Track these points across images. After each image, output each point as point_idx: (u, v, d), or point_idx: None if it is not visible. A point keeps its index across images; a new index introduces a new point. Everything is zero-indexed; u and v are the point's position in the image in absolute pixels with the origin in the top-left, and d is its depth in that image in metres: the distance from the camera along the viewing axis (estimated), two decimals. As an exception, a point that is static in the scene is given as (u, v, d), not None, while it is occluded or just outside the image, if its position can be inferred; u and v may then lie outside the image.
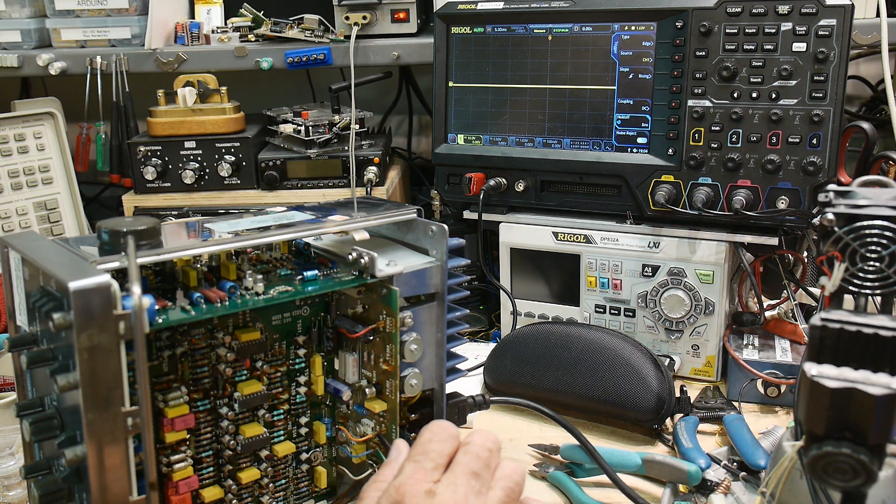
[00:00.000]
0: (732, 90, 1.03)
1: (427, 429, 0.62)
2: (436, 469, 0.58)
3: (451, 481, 0.57)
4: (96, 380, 0.57)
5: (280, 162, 1.32)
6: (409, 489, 0.56)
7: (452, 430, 0.62)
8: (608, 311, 1.14)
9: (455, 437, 0.61)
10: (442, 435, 0.61)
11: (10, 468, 0.88)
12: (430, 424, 0.62)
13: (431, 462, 0.58)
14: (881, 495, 0.68)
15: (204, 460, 0.74)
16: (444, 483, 0.57)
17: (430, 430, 0.61)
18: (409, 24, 1.37)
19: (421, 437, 0.61)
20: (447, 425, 0.62)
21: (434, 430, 0.61)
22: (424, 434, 0.61)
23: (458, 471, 0.58)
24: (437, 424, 0.62)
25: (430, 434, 0.61)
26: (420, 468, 0.58)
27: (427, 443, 0.60)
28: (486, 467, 0.59)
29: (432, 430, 0.61)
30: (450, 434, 0.61)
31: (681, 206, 1.07)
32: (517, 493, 0.59)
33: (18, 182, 1.35)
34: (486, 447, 0.60)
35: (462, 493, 0.56)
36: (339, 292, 0.81)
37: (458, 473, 0.58)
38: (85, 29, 1.44)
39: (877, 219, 0.60)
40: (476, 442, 0.60)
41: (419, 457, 0.59)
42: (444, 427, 0.62)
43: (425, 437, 0.61)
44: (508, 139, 1.17)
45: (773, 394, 1.03)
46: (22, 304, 0.69)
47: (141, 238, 0.65)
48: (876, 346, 0.54)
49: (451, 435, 0.61)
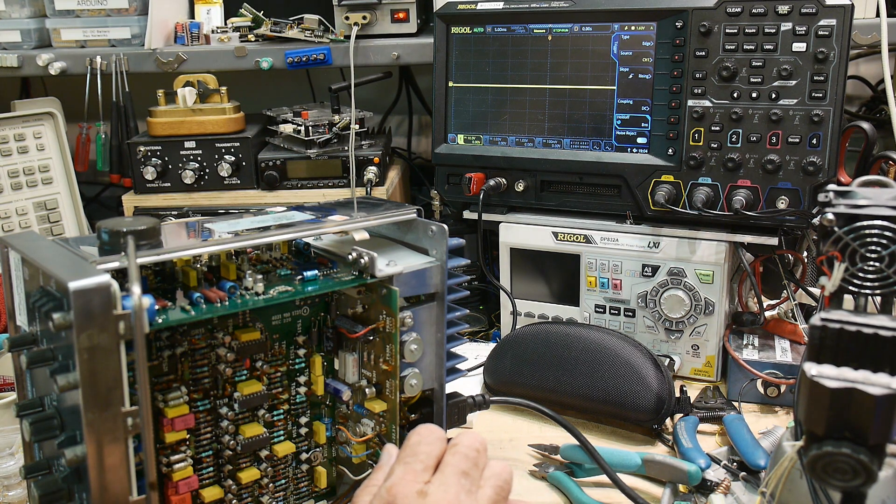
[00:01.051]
0: (732, 90, 1.03)
1: (415, 432, 0.63)
2: (426, 470, 0.59)
3: (441, 481, 0.58)
4: (96, 380, 0.57)
5: (280, 162, 1.32)
6: (400, 490, 0.56)
7: (439, 432, 0.63)
8: (608, 311, 1.14)
9: (442, 439, 0.62)
10: (430, 437, 0.62)
11: (10, 468, 0.88)
12: (418, 428, 0.63)
13: (421, 463, 0.59)
14: (881, 495, 0.68)
15: (204, 460, 0.74)
16: (435, 483, 0.57)
17: (418, 433, 0.62)
18: (409, 24, 1.37)
19: (409, 440, 0.62)
20: (434, 428, 0.63)
21: (422, 433, 0.62)
22: (412, 437, 0.62)
23: (448, 471, 0.58)
24: (424, 427, 0.63)
25: (418, 437, 0.62)
26: (410, 469, 0.58)
27: (416, 445, 0.61)
28: (474, 467, 0.60)
29: (420, 433, 0.62)
30: (437, 436, 0.62)
31: (681, 206, 1.07)
32: (506, 492, 0.60)
33: (18, 182, 1.35)
34: (473, 447, 0.61)
35: (453, 492, 0.56)
36: (339, 292, 0.81)
37: (448, 473, 0.58)
38: (85, 29, 1.44)
39: (877, 219, 0.60)
40: (464, 443, 0.61)
41: (409, 459, 0.60)
42: (431, 430, 0.63)
43: (413, 439, 0.62)
44: (508, 139, 1.17)
45: (772, 394, 1.03)
46: (22, 304, 0.69)
47: (141, 238, 0.65)
48: (876, 346, 0.54)
49: (438, 437, 0.62)
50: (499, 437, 0.99)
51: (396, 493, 0.56)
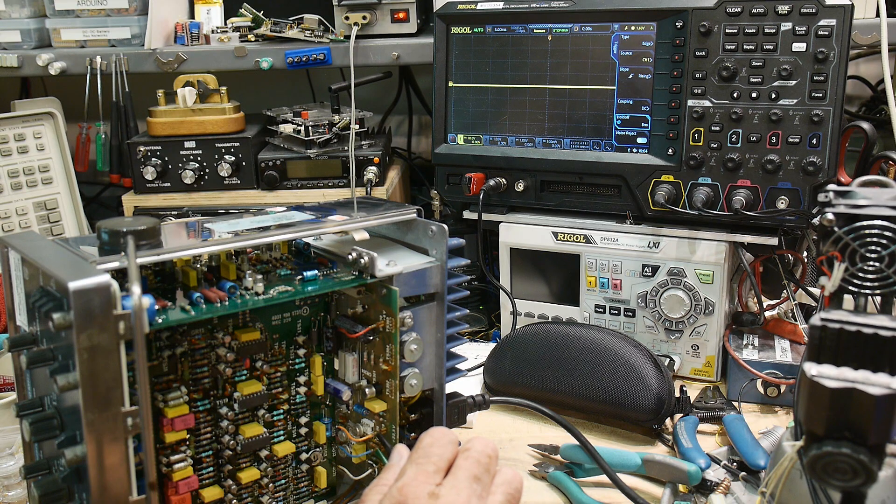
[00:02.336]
0: (732, 90, 1.03)
1: (428, 434, 0.63)
2: (437, 472, 0.59)
3: (453, 484, 0.58)
4: (96, 380, 0.57)
5: (280, 162, 1.32)
6: (411, 491, 0.56)
7: (452, 435, 0.63)
8: (608, 311, 1.14)
9: (454, 442, 0.62)
10: (442, 440, 0.62)
11: (10, 468, 0.88)
12: (431, 430, 0.63)
13: (433, 465, 0.59)
14: (881, 495, 0.68)
15: (204, 460, 0.74)
16: (447, 486, 0.57)
17: (431, 435, 0.62)
18: (409, 24, 1.37)
19: (421, 441, 0.62)
20: (446, 431, 0.63)
21: (435, 436, 0.62)
22: (425, 439, 0.62)
23: (460, 475, 0.58)
24: (437, 430, 0.63)
25: (430, 439, 0.62)
26: (422, 471, 0.58)
27: (428, 447, 0.61)
28: (486, 472, 0.60)
29: (433, 435, 0.62)
30: (449, 440, 0.62)
31: (681, 206, 1.07)
32: (517, 500, 0.60)
33: (18, 182, 1.35)
34: (485, 453, 0.61)
35: (464, 496, 0.56)
36: (339, 292, 0.81)
37: (460, 477, 0.58)
38: (85, 29, 1.44)
39: (877, 219, 0.60)
40: (476, 448, 0.61)
41: (421, 460, 0.59)
42: (444, 433, 0.63)
43: (426, 441, 0.62)
44: (508, 139, 1.17)
45: (772, 394, 1.03)
46: (22, 304, 0.69)
47: (141, 238, 0.65)
48: (876, 346, 0.54)
49: (451, 440, 0.62)
50: (499, 437, 0.99)
51: (408, 494, 0.56)
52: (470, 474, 0.59)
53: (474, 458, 0.60)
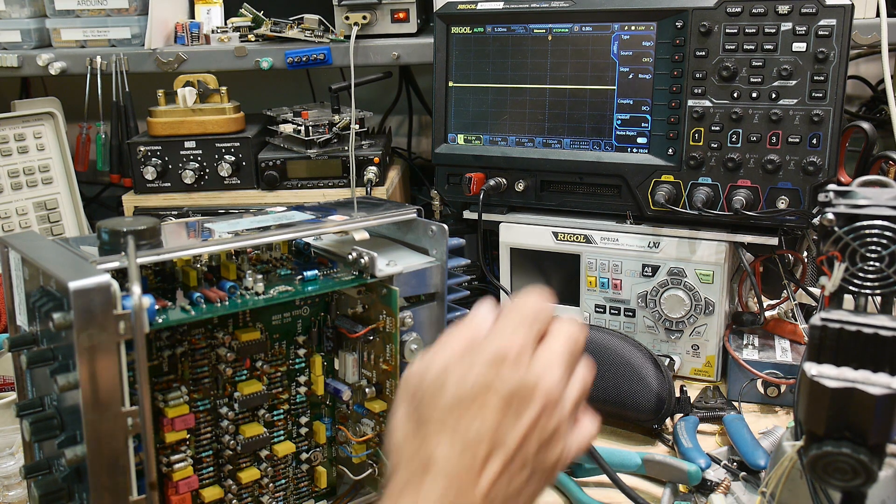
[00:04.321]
0: (732, 90, 1.03)
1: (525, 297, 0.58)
2: (535, 341, 0.56)
3: (549, 360, 0.55)
4: (96, 380, 0.57)
5: (280, 162, 1.32)
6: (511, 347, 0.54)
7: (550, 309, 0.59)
8: (608, 311, 1.14)
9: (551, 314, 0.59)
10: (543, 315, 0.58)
11: (10, 468, 0.88)
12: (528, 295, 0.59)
13: (535, 333, 0.56)
14: (881, 495, 0.68)
15: (204, 460, 0.74)
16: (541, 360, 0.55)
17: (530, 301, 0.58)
18: (409, 24, 1.37)
19: (524, 305, 0.58)
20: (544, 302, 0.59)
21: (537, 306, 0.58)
22: (528, 302, 0.58)
23: (558, 348, 0.56)
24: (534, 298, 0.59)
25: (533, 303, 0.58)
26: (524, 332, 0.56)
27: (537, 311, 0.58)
28: (573, 357, 0.57)
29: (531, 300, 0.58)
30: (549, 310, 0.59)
31: (681, 206, 1.07)
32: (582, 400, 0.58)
33: (18, 182, 1.35)
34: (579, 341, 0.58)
35: (557, 375, 0.55)
36: (339, 292, 0.81)
37: (557, 351, 0.56)
38: (85, 29, 1.44)
39: (877, 219, 0.60)
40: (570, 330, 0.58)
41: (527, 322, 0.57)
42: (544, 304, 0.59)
43: (529, 304, 0.58)
44: (508, 139, 1.17)
45: (773, 394, 1.03)
46: (22, 304, 0.69)
47: (141, 238, 0.65)
48: (876, 346, 0.54)
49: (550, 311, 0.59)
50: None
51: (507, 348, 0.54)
52: (564, 356, 0.56)
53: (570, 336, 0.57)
